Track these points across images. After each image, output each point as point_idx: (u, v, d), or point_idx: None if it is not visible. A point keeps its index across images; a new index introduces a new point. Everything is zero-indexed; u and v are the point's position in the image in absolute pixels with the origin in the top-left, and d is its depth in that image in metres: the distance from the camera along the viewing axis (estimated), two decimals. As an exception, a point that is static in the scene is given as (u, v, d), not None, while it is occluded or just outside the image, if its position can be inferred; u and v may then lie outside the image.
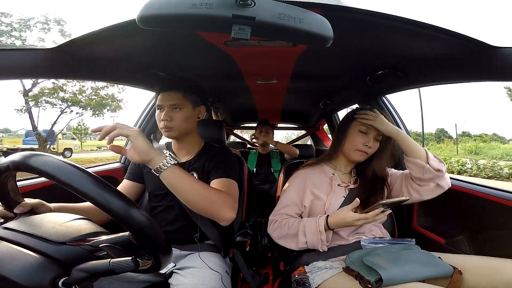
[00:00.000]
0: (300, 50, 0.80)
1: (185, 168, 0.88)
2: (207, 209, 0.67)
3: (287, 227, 0.84)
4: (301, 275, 0.82)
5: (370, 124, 0.85)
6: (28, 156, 0.41)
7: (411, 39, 0.65)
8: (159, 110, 0.85)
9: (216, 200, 0.67)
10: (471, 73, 0.72)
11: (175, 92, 0.83)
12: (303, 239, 0.80)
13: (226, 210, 0.68)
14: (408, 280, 0.64)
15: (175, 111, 0.82)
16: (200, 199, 0.64)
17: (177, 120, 0.82)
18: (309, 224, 0.80)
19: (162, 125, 0.83)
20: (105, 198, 0.38)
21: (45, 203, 0.61)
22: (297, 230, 0.81)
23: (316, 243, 0.79)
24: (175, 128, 0.83)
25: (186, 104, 0.83)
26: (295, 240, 0.82)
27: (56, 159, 0.40)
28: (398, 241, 0.83)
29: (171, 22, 0.40)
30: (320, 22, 0.41)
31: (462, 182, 0.98)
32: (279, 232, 0.86)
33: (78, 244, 0.43)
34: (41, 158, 0.40)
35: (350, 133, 0.90)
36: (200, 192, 0.64)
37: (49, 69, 0.69)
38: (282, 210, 0.90)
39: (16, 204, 0.52)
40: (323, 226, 0.78)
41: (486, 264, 0.68)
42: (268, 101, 1.90)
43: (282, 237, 0.85)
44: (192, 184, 0.65)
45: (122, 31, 0.61)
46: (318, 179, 0.92)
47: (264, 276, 1.15)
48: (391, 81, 1.00)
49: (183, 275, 0.72)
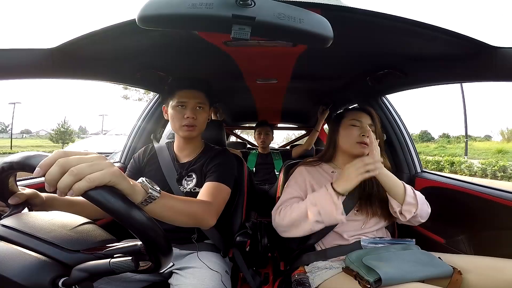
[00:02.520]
0: (300, 50, 0.80)
1: (184, 169, 0.88)
2: (189, 223, 0.64)
3: (296, 207, 0.81)
4: (301, 275, 0.82)
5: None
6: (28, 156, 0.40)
7: (411, 39, 0.65)
8: (180, 107, 0.83)
9: (198, 212, 0.64)
10: (471, 73, 0.72)
11: (198, 92, 0.83)
12: (314, 210, 0.75)
13: (206, 220, 0.66)
14: (408, 280, 0.64)
15: (199, 110, 0.82)
16: (183, 218, 0.59)
17: (200, 119, 0.82)
18: (316, 193, 0.79)
19: (186, 123, 0.81)
20: (105, 198, 0.38)
21: (39, 193, 0.57)
22: (305, 205, 0.78)
23: (330, 209, 0.74)
24: (198, 128, 0.83)
25: (207, 105, 0.85)
26: (307, 219, 0.76)
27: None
28: (398, 241, 0.83)
29: (171, 22, 0.40)
30: (320, 22, 0.41)
31: (462, 182, 0.98)
32: (288, 217, 0.80)
33: (92, 253, 0.43)
34: (41, 159, 0.40)
35: (342, 130, 0.91)
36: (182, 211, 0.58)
37: (49, 69, 0.69)
38: (285, 203, 0.88)
39: (11, 195, 0.50)
40: (331, 189, 0.75)
41: (486, 264, 0.68)
42: (268, 101, 1.90)
43: (293, 222, 0.79)
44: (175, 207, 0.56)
45: (122, 31, 0.61)
46: (318, 175, 0.92)
47: (264, 276, 1.15)
48: (391, 81, 1.00)
49: (183, 275, 0.72)
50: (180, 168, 0.88)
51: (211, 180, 0.79)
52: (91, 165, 0.37)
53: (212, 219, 0.68)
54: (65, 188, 0.35)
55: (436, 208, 1.06)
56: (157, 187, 0.49)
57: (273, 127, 2.29)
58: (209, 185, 0.77)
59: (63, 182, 0.35)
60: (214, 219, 0.69)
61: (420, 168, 1.20)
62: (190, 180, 0.87)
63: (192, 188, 0.85)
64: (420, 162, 1.22)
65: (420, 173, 1.19)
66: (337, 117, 0.96)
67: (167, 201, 0.53)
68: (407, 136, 1.23)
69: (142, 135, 1.30)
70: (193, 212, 0.62)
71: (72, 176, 0.35)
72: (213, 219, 0.69)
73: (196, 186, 0.85)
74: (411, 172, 1.18)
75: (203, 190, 0.76)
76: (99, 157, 0.40)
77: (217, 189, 0.77)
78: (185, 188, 0.86)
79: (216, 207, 0.72)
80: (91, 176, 0.36)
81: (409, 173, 1.18)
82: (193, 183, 0.86)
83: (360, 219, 0.86)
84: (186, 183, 0.86)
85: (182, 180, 0.87)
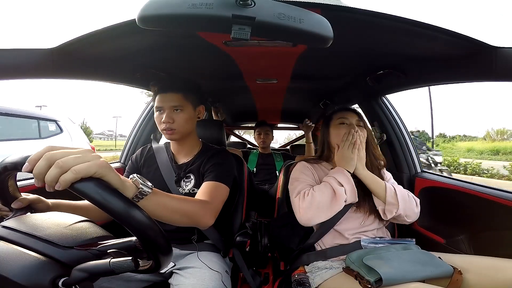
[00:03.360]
0: (300, 50, 0.80)
1: (182, 169, 0.87)
2: (186, 222, 0.62)
3: (320, 191, 0.81)
4: (301, 275, 0.82)
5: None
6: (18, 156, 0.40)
7: (411, 39, 0.65)
8: (158, 112, 0.83)
9: (195, 211, 0.63)
10: (471, 74, 0.72)
11: (175, 93, 0.81)
12: (341, 190, 0.80)
13: (203, 219, 0.65)
14: (408, 280, 0.64)
15: (176, 112, 0.81)
16: (178, 216, 0.58)
17: (179, 121, 0.81)
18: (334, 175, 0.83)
19: (164, 127, 0.81)
20: (105, 198, 0.38)
21: (43, 199, 0.57)
22: (330, 187, 0.81)
23: (352, 187, 0.82)
24: (177, 130, 0.82)
25: (187, 105, 0.83)
26: (337, 199, 0.79)
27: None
28: (398, 241, 0.83)
29: (171, 22, 0.40)
30: (320, 22, 0.41)
31: (462, 182, 0.98)
32: (314, 202, 0.79)
33: (86, 249, 0.43)
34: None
35: (332, 130, 0.94)
36: (178, 210, 0.57)
37: (49, 69, 0.69)
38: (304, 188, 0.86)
39: (13, 200, 0.50)
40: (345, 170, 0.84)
41: (486, 264, 0.68)
42: (268, 101, 1.90)
43: (322, 206, 0.79)
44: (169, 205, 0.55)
45: (122, 31, 0.61)
46: (321, 171, 0.94)
47: (264, 276, 1.15)
48: (391, 81, 1.00)
49: (183, 275, 0.72)
50: (178, 169, 0.88)
51: (209, 180, 0.78)
52: (77, 157, 0.37)
53: (210, 219, 0.67)
54: (51, 181, 0.35)
55: (436, 208, 1.06)
56: (149, 183, 0.48)
57: (273, 126, 2.29)
58: (207, 184, 0.76)
59: (49, 175, 0.35)
60: (212, 218, 0.68)
61: (420, 168, 1.20)
62: (189, 181, 0.86)
63: (191, 189, 0.85)
64: (420, 162, 1.22)
65: (420, 173, 1.19)
66: (326, 119, 1.00)
67: (159, 198, 0.52)
68: (407, 136, 1.23)
69: (142, 135, 1.30)
70: (189, 211, 0.61)
71: (58, 168, 0.35)
72: (211, 218, 0.67)
73: (195, 187, 0.84)
74: (411, 172, 1.18)
75: (201, 189, 0.75)
76: (86, 150, 0.40)
77: (215, 188, 0.75)
78: (183, 189, 0.85)
79: (214, 206, 0.71)
80: (77, 168, 0.36)
81: (409, 173, 1.18)
82: (191, 184, 0.85)
83: (359, 216, 0.86)
84: (185, 184, 0.86)
85: (180, 181, 0.86)
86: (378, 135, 1.25)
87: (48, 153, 0.37)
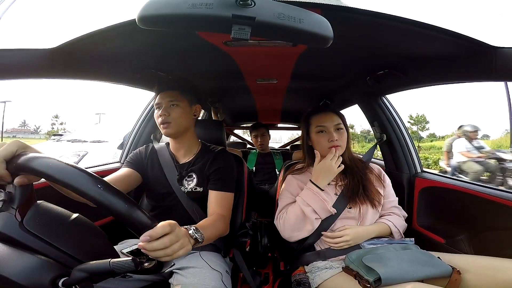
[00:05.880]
0: (300, 50, 0.80)
1: (184, 169, 0.89)
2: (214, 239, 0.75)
3: (291, 211, 0.85)
4: (301, 275, 0.82)
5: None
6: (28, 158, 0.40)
7: (411, 39, 0.65)
8: (157, 109, 0.87)
9: (224, 228, 0.78)
10: (471, 73, 0.72)
11: (172, 90, 0.86)
12: (308, 209, 0.82)
13: (227, 231, 0.80)
14: (407, 279, 0.64)
15: (172, 107, 0.85)
16: (216, 237, 0.73)
17: (175, 115, 0.84)
18: (302, 195, 0.85)
19: (160, 121, 0.85)
20: (107, 198, 0.38)
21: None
22: (299, 207, 0.83)
23: (321, 204, 0.82)
24: (173, 124, 0.84)
25: (183, 101, 0.86)
26: (306, 219, 0.82)
27: (56, 160, 0.40)
28: (397, 241, 0.83)
29: (171, 22, 0.40)
30: (320, 22, 0.41)
31: (462, 182, 0.98)
32: (287, 224, 0.85)
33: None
34: (42, 160, 0.40)
35: (313, 136, 0.92)
36: (216, 235, 0.73)
37: (49, 69, 0.69)
38: (282, 210, 0.91)
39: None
40: (314, 186, 0.84)
41: (486, 264, 0.68)
42: (268, 101, 1.90)
43: (294, 227, 0.84)
44: (213, 234, 0.70)
45: (122, 31, 0.61)
46: (306, 179, 0.91)
47: (264, 276, 1.15)
48: (391, 81, 1.00)
49: (183, 275, 0.72)
50: (180, 169, 0.89)
51: (217, 190, 0.84)
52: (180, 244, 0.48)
53: (228, 228, 0.81)
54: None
55: (436, 208, 1.06)
56: (201, 233, 0.59)
57: (268, 127, 2.28)
58: (216, 195, 0.84)
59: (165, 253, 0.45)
60: (228, 228, 0.81)
61: (420, 168, 1.20)
62: (191, 180, 0.88)
63: (193, 188, 0.87)
64: (420, 162, 1.22)
65: (420, 173, 1.19)
66: (305, 122, 0.96)
67: (207, 235, 0.63)
68: (407, 136, 1.23)
69: (142, 135, 1.30)
70: (220, 230, 0.76)
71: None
72: (228, 229, 0.81)
73: (197, 186, 0.87)
74: (411, 172, 1.18)
75: (212, 201, 0.83)
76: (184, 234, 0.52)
77: (225, 199, 0.84)
78: (186, 188, 0.87)
79: (228, 216, 0.83)
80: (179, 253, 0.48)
81: (409, 173, 1.18)
82: (193, 183, 0.87)
83: (354, 215, 0.86)
84: (187, 183, 0.87)
85: (182, 180, 0.88)
86: (378, 135, 1.25)
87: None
